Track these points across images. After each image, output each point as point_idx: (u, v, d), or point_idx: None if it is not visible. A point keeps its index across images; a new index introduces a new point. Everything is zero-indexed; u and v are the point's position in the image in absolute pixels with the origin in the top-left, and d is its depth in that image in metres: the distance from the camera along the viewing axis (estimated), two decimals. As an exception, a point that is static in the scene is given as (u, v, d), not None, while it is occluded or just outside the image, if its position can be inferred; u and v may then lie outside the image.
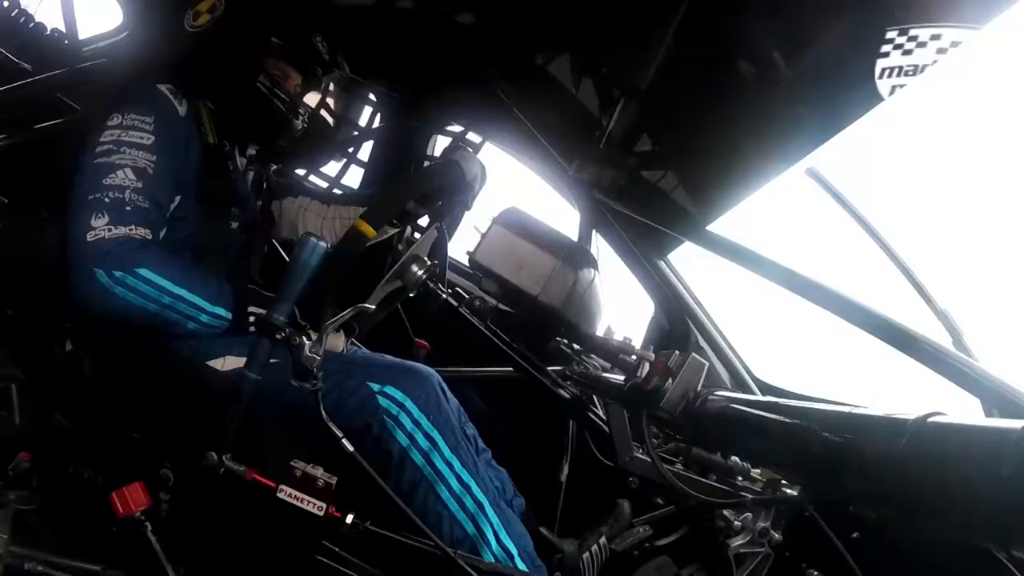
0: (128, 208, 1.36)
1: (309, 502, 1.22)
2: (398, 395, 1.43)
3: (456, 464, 1.44)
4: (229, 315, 1.43)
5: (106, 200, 1.35)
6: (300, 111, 1.68)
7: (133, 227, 1.36)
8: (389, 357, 1.84)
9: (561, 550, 1.52)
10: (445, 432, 1.45)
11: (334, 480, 1.24)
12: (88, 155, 1.41)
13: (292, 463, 1.25)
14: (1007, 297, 2.75)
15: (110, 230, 1.33)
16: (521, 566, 1.42)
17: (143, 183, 1.39)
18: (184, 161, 1.51)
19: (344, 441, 1.22)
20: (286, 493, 1.23)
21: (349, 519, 1.24)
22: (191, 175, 1.53)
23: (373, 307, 1.39)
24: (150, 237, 1.38)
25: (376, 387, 1.44)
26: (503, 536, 1.43)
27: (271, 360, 1.29)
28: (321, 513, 1.22)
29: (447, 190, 1.59)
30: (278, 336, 1.22)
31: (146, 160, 1.41)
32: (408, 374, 1.50)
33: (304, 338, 1.21)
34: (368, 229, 1.40)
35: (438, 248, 1.70)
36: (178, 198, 1.50)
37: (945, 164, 3.15)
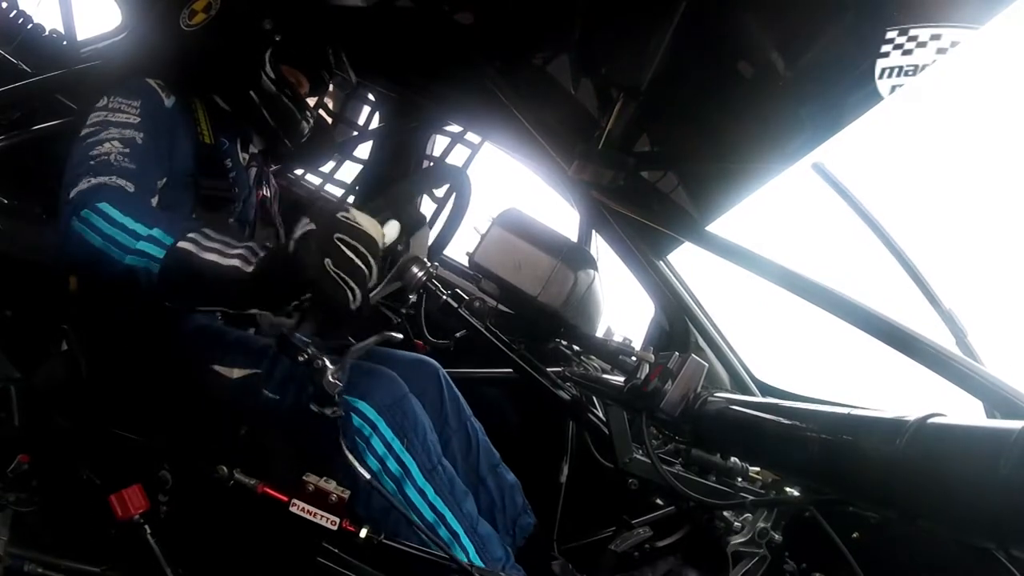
0: (113, 165, 1.31)
1: (323, 516, 1.22)
2: (371, 414, 1.37)
3: (430, 492, 1.39)
4: (169, 239, 1.20)
5: (92, 164, 1.31)
6: (308, 115, 1.70)
7: (114, 177, 1.29)
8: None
9: None
10: (420, 457, 1.40)
11: (347, 494, 1.23)
12: (76, 139, 1.39)
13: (304, 477, 1.24)
14: (1015, 296, 2.74)
15: (89, 182, 1.27)
16: None
17: (131, 149, 1.36)
18: (169, 149, 1.49)
19: (361, 470, 1.19)
20: (299, 508, 1.22)
21: (363, 533, 1.23)
22: (180, 167, 1.51)
23: (400, 336, 1.28)
24: (131, 190, 1.29)
25: (348, 400, 1.35)
26: (476, 563, 1.37)
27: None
28: (335, 528, 1.21)
29: (458, 191, 1.63)
30: (300, 358, 1.12)
31: (133, 133, 1.39)
32: (381, 386, 1.43)
33: (327, 361, 1.12)
34: None
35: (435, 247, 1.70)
36: (164, 179, 1.46)
37: (955, 162, 3.14)
